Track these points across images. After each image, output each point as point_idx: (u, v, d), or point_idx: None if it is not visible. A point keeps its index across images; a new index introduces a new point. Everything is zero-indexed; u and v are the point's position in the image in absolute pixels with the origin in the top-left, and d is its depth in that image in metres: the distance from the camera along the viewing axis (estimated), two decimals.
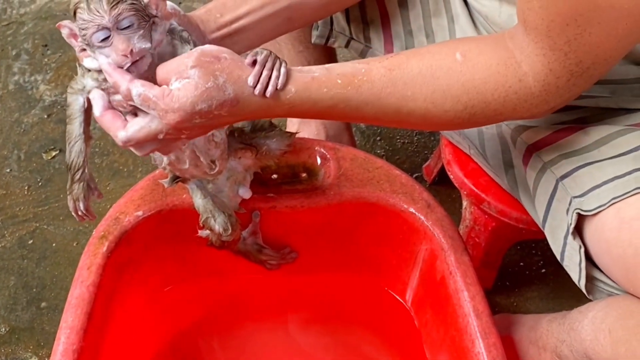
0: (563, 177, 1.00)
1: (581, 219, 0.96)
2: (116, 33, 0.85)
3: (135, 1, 0.85)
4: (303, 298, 1.29)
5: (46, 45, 1.99)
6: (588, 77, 0.87)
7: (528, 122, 1.09)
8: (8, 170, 1.71)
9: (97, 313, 1.04)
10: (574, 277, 1.00)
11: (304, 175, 1.18)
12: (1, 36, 2.02)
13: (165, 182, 1.08)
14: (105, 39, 0.85)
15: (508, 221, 1.23)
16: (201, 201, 1.07)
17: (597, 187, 0.95)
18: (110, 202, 1.21)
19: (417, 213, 1.13)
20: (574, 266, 0.99)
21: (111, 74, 0.87)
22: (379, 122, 0.98)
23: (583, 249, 0.97)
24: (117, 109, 0.91)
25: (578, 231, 0.98)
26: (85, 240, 1.34)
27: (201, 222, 1.08)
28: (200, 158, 0.99)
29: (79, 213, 0.98)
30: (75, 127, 0.94)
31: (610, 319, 0.97)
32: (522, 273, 1.51)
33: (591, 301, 1.03)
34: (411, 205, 1.14)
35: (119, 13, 0.84)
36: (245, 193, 1.11)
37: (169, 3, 0.91)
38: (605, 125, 1.02)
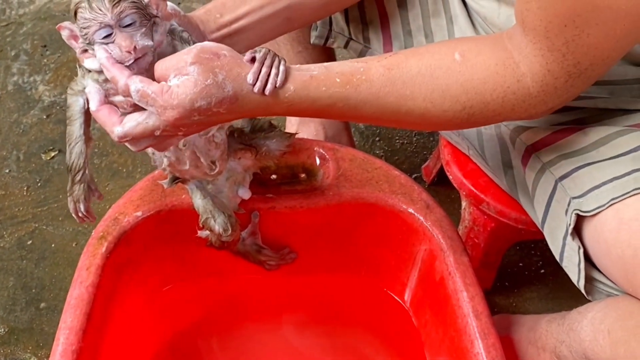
0: (562, 178, 1.00)
1: (580, 220, 0.96)
2: (118, 30, 0.85)
3: (136, 0, 0.86)
4: (302, 298, 1.29)
5: (45, 45, 1.99)
6: (586, 78, 0.87)
7: (527, 123, 1.09)
8: (7, 170, 1.71)
9: (96, 313, 1.04)
10: (573, 278, 1.00)
11: (303, 175, 1.18)
12: (0, 37, 2.02)
13: (164, 183, 1.08)
14: (107, 37, 0.86)
15: (507, 222, 1.23)
16: (201, 202, 1.07)
17: (596, 188, 0.95)
18: (109, 203, 1.21)
19: (416, 213, 1.14)
20: (573, 267, 0.99)
21: (109, 69, 0.86)
22: (378, 122, 0.97)
23: (582, 250, 0.97)
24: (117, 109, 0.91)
25: (577, 232, 0.98)
26: (84, 240, 1.34)
27: (201, 223, 1.08)
28: (200, 159, 0.99)
29: (80, 214, 0.98)
30: (75, 129, 0.94)
31: (609, 320, 0.97)
32: (522, 273, 1.50)
33: (590, 302, 1.03)
34: (410, 205, 1.14)
35: (121, 11, 0.84)
36: (244, 193, 1.12)
37: (169, 4, 0.92)
38: (604, 126, 1.02)
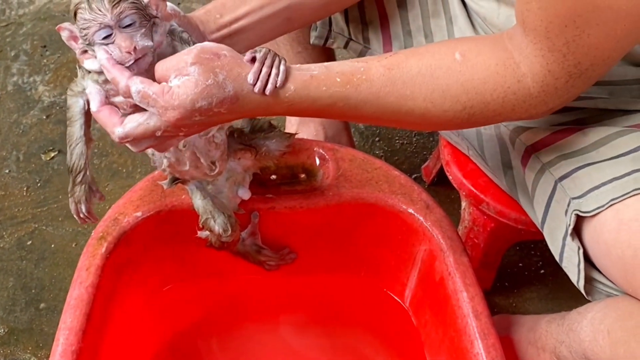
0: (562, 178, 1.00)
1: (580, 220, 0.96)
2: (118, 31, 0.85)
3: (136, 0, 0.86)
4: (302, 299, 1.29)
5: (45, 46, 1.98)
6: (587, 79, 0.87)
7: (527, 123, 1.09)
8: (7, 171, 1.71)
9: (96, 314, 1.04)
10: (573, 278, 1.00)
11: (303, 176, 1.17)
12: (0, 37, 2.02)
13: (164, 184, 1.08)
14: (107, 37, 0.85)
15: (507, 222, 1.23)
16: (201, 202, 1.07)
17: (596, 189, 0.95)
18: (109, 203, 1.21)
19: (416, 214, 1.13)
20: (573, 267, 0.99)
21: (110, 70, 0.86)
22: (378, 122, 0.97)
23: (582, 250, 0.97)
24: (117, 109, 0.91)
25: (577, 232, 0.98)
26: (84, 241, 1.34)
27: (201, 223, 1.08)
28: (200, 159, 0.99)
29: (81, 215, 0.98)
30: (75, 130, 0.94)
31: (609, 320, 0.97)
32: (521, 274, 1.50)
33: (590, 302, 1.03)
34: (410, 206, 1.14)
35: (121, 11, 0.84)
36: (244, 194, 1.12)
37: (169, 4, 0.92)
38: (603, 126, 1.02)
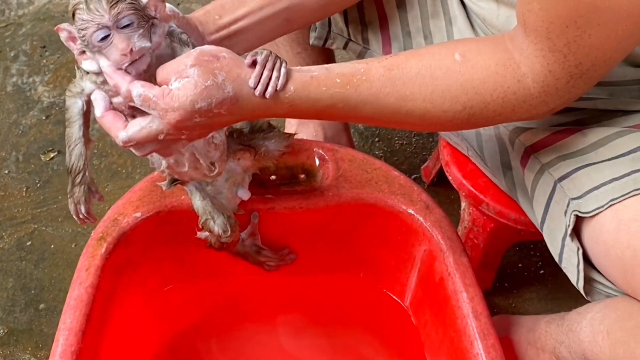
0: (561, 179, 1.00)
1: (579, 221, 0.96)
2: (116, 32, 0.85)
3: (134, 1, 0.86)
4: (301, 299, 1.29)
5: (44, 46, 1.98)
6: (587, 79, 0.87)
7: (526, 124, 1.09)
8: (6, 171, 1.71)
9: (96, 314, 1.04)
10: (572, 279, 1.00)
11: (303, 176, 1.17)
12: None
13: (163, 185, 1.08)
14: (104, 38, 0.85)
15: (506, 222, 1.23)
16: (200, 203, 1.07)
17: (595, 189, 0.95)
18: (108, 204, 1.21)
19: (416, 214, 1.13)
20: (572, 268, 0.99)
21: (112, 76, 0.87)
22: (378, 122, 0.97)
23: (581, 251, 0.97)
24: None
25: (576, 233, 0.98)
26: (83, 241, 1.34)
27: (200, 224, 1.08)
28: (199, 160, 0.99)
29: (80, 216, 0.98)
30: (74, 131, 0.94)
31: (608, 321, 0.97)
32: (521, 274, 1.51)
33: (589, 303, 1.03)
34: (410, 206, 1.14)
35: (119, 12, 0.84)
36: (244, 194, 1.11)
37: (168, 5, 0.92)
38: (603, 127, 1.02)
